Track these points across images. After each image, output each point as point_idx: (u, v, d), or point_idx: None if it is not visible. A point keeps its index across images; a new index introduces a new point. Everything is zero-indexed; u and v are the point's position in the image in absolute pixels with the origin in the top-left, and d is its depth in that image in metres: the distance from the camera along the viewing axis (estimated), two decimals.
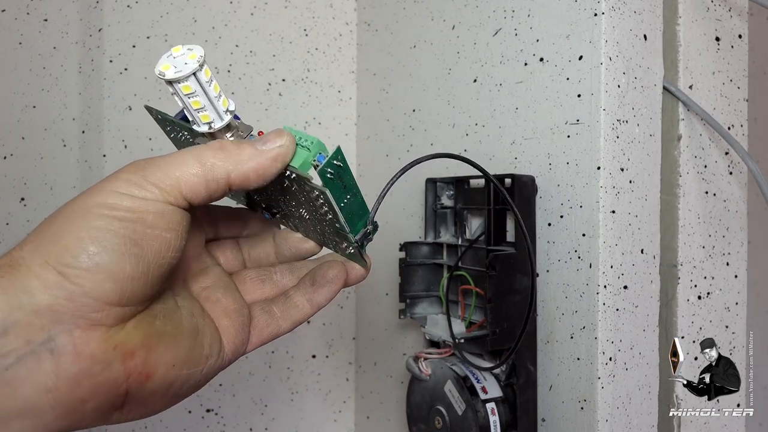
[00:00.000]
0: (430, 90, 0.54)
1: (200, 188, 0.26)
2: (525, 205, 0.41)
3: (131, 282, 0.24)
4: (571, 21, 0.40)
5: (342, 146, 0.33)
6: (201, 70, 0.27)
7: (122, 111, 0.57)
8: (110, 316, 0.24)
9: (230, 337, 0.30)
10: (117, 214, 0.24)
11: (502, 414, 0.41)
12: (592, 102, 0.39)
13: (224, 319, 0.30)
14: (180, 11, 0.59)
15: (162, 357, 0.26)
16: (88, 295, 0.24)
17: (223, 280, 0.32)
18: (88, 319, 0.24)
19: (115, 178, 0.26)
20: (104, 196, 0.25)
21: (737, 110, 0.45)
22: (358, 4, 0.66)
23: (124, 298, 0.24)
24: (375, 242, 0.35)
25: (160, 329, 0.27)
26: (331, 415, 0.66)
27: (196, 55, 0.27)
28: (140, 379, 0.25)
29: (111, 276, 0.24)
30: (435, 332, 0.45)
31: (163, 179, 0.26)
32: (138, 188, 0.25)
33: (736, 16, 0.45)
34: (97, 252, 0.24)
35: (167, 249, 0.26)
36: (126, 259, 0.24)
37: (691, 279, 0.42)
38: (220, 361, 0.30)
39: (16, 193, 0.56)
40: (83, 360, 0.24)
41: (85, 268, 0.24)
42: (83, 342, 0.24)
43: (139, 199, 0.25)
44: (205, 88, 0.27)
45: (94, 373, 0.24)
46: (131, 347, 0.25)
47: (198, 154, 0.26)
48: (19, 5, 0.56)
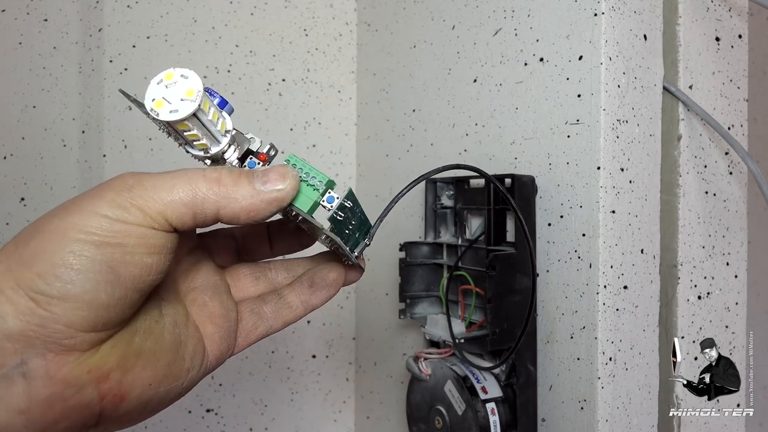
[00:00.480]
0: (430, 90, 0.54)
1: (187, 218, 0.25)
2: (525, 205, 0.41)
3: (106, 310, 0.23)
4: (571, 21, 0.40)
5: (342, 146, 0.33)
6: (200, 107, 0.24)
7: (122, 111, 0.57)
8: (84, 342, 0.24)
9: (214, 344, 0.29)
10: (94, 239, 0.23)
11: (502, 414, 0.41)
12: (592, 102, 0.39)
13: (210, 326, 0.29)
14: (180, 11, 0.59)
15: (138, 377, 0.25)
16: (60, 322, 0.23)
17: (212, 280, 0.31)
18: (60, 345, 0.23)
19: (99, 197, 0.24)
20: (84, 218, 0.23)
21: (737, 110, 0.45)
22: (358, 4, 0.66)
23: (98, 325, 0.24)
24: (375, 242, 0.35)
25: (139, 347, 0.26)
26: (331, 415, 0.66)
27: (193, 91, 0.24)
28: (114, 400, 0.25)
29: (85, 304, 0.23)
30: (435, 332, 0.45)
31: (150, 204, 0.24)
32: (121, 210, 0.24)
33: (736, 16, 0.45)
34: (70, 279, 0.23)
35: (147, 273, 0.24)
36: (101, 288, 0.23)
37: (691, 279, 0.42)
38: (203, 370, 0.29)
39: (16, 193, 0.56)
40: (55, 384, 0.23)
41: (58, 296, 0.23)
42: (56, 366, 0.23)
43: (119, 223, 0.23)
44: (204, 121, 0.25)
45: (66, 397, 0.23)
46: (106, 370, 0.24)
47: (191, 181, 0.25)
48: (19, 5, 0.56)
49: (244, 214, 0.25)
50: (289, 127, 0.63)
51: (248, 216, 0.26)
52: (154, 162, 0.57)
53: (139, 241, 0.24)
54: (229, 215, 0.25)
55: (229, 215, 0.25)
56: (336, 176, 0.65)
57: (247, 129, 0.31)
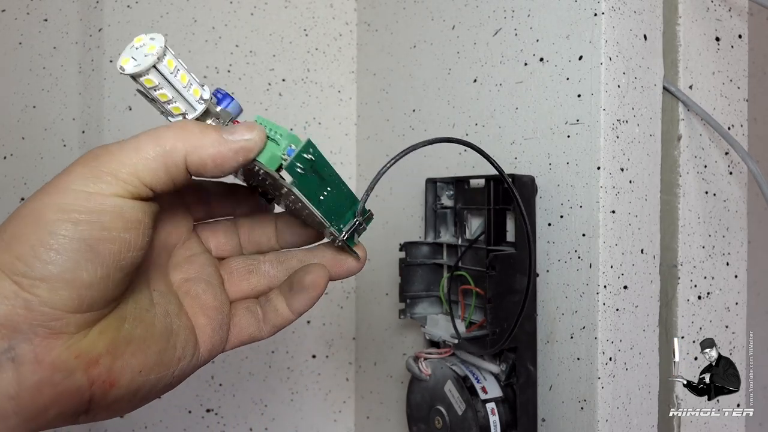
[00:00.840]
0: (430, 90, 0.54)
1: (161, 173, 0.24)
2: (525, 205, 0.41)
3: (89, 289, 0.23)
4: (571, 21, 0.40)
5: (342, 146, 0.33)
6: (162, 62, 0.25)
7: (122, 111, 0.57)
8: (70, 324, 0.24)
9: (206, 336, 0.29)
10: (71, 217, 0.23)
11: (502, 414, 0.41)
12: (592, 102, 0.39)
13: (202, 317, 0.29)
14: (180, 11, 0.59)
15: (128, 363, 0.25)
16: (45, 305, 0.23)
17: (206, 272, 0.31)
18: (47, 328, 0.23)
19: (69, 172, 0.24)
20: (59, 196, 0.23)
21: (737, 110, 0.45)
22: (358, 4, 0.66)
23: (83, 305, 0.24)
24: (375, 242, 0.35)
25: (129, 333, 0.26)
26: (331, 415, 0.66)
27: (155, 46, 0.25)
28: (104, 387, 0.25)
29: (67, 284, 0.23)
30: (435, 332, 0.45)
31: (120, 168, 0.24)
32: (93, 181, 0.23)
33: (736, 16, 0.45)
34: (50, 260, 0.23)
35: (127, 250, 0.24)
36: (82, 266, 0.23)
37: (691, 279, 0.42)
38: (194, 361, 0.28)
39: (16, 193, 0.56)
40: (44, 369, 0.23)
41: (39, 278, 0.23)
42: (44, 351, 0.23)
43: (95, 196, 0.23)
44: (170, 79, 0.26)
45: (55, 382, 0.23)
46: (95, 355, 0.24)
47: (156, 135, 0.25)
48: (19, 5, 0.56)
49: (211, 161, 0.25)
50: (289, 127, 0.63)
51: (215, 164, 0.25)
52: None
53: (115, 216, 0.24)
54: (196, 163, 0.25)
55: (196, 163, 0.25)
56: None
57: None
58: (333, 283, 0.64)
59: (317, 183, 0.28)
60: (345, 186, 0.30)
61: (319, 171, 0.28)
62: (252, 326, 0.31)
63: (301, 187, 0.28)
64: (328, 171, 0.29)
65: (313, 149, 0.28)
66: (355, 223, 0.30)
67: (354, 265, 0.32)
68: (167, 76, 0.26)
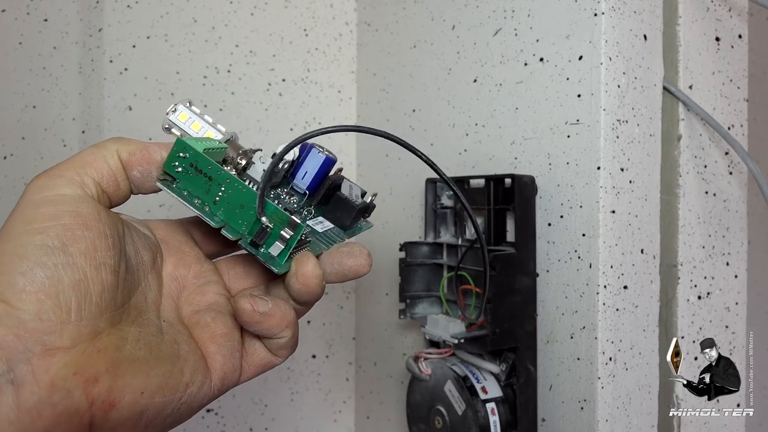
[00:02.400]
0: (430, 90, 0.54)
1: (101, 165, 0.27)
2: (525, 205, 0.41)
3: (73, 292, 0.24)
4: (571, 21, 0.40)
5: (342, 146, 0.33)
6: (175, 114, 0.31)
7: (122, 111, 0.57)
8: (64, 336, 0.23)
9: (218, 364, 0.28)
10: (36, 227, 0.24)
11: (502, 414, 0.41)
12: (592, 102, 0.39)
13: (211, 345, 0.29)
14: (180, 11, 0.59)
15: (129, 383, 0.25)
16: (36, 318, 0.23)
17: (217, 303, 0.30)
18: (43, 344, 0.23)
19: (27, 190, 0.26)
20: (22, 212, 0.25)
21: (737, 110, 0.45)
22: (358, 4, 0.66)
23: (71, 312, 0.24)
24: (375, 242, 0.34)
25: (130, 354, 0.25)
26: (331, 415, 0.66)
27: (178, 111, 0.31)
28: (104, 407, 0.24)
29: (51, 291, 0.23)
30: (435, 332, 0.45)
31: (66, 166, 0.27)
32: (47, 186, 0.26)
33: (736, 16, 0.45)
34: (29, 268, 0.23)
35: (95, 248, 0.25)
36: (58, 270, 0.24)
37: (691, 279, 0.42)
38: (205, 389, 0.28)
39: (16, 193, 0.56)
40: (42, 388, 0.23)
41: (22, 289, 0.23)
42: (42, 369, 0.23)
43: (50, 201, 0.25)
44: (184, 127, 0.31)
45: (54, 402, 0.23)
46: (94, 373, 0.24)
47: (96, 144, 0.28)
48: (19, 5, 0.56)
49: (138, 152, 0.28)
50: (289, 127, 0.63)
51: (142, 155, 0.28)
52: None
53: (73, 215, 0.25)
54: (126, 156, 0.28)
55: (126, 156, 0.28)
56: None
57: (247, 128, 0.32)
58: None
59: (205, 182, 0.28)
60: (243, 186, 0.28)
61: (202, 169, 0.28)
62: (264, 349, 0.30)
63: (186, 187, 0.28)
64: (214, 168, 0.28)
65: (186, 147, 0.28)
66: (264, 228, 0.27)
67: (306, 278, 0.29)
68: (182, 126, 0.31)
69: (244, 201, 0.28)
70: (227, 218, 0.28)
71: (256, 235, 0.27)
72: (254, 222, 0.28)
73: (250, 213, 0.28)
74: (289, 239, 0.27)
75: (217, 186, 0.28)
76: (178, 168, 0.28)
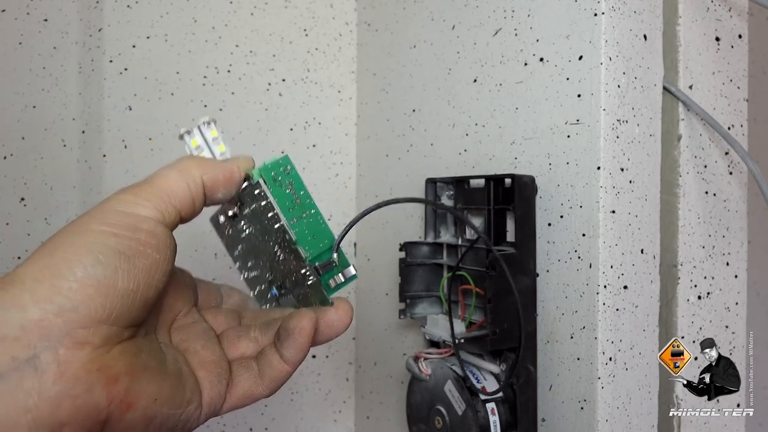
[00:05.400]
0: (430, 90, 0.54)
1: (185, 193, 0.28)
2: (525, 205, 0.41)
3: (121, 299, 0.25)
4: (571, 21, 0.40)
5: (342, 146, 0.34)
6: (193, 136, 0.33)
7: (122, 111, 0.57)
8: (97, 334, 0.24)
9: (207, 389, 0.29)
10: (113, 230, 0.26)
11: (502, 414, 0.41)
12: (592, 102, 0.39)
13: (201, 371, 0.30)
14: (180, 11, 0.59)
15: (145, 389, 0.26)
16: (77, 310, 0.24)
17: (205, 335, 0.32)
18: (74, 337, 0.24)
19: (110, 199, 0.27)
20: (102, 214, 0.26)
21: (737, 110, 0.45)
22: (358, 4, 0.66)
23: (112, 316, 0.25)
24: (375, 242, 0.34)
25: (145, 362, 0.27)
26: (331, 415, 0.66)
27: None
28: (121, 407, 0.25)
29: (102, 290, 0.24)
30: (435, 332, 0.45)
31: (153, 192, 0.28)
32: (132, 206, 0.27)
33: (736, 16, 0.45)
34: (91, 263, 0.24)
35: (156, 270, 0.26)
36: (118, 274, 0.25)
37: (691, 279, 0.42)
38: (197, 413, 0.29)
39: (16, 193, 0.56)
40: (66, 380, 0.23)
41: (79, 280, 0.24)
42: (67, 360, 0.23)
43: (134, 216, 0.26)
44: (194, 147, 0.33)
45: (75, 395, 0.23)
46: (115, 372, 0.25)
47: (175, 165, 0.29)
48: (19, 5, 0.56)
49: (222, 176, 0.30)
50: (289, 127, 0.63)
51: (225, 178, 0.30)
52: (154, 162, 0.57)
53: (150, 235, 0.27)
54: (211, 180, 0.30)
55: (211, 180, 0.30)
56: (336, 176, 0.65)
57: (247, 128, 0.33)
58: None
59: (292, 200, 0.30)
60: (321, 217, 0.31)
61: (294, 187, 0.30)
62: (249, 381, 0.31)
63: (275, 195, 0.30)
64: (305, 195, 0.30)
65: (291, 166, 0.30)
66: (329, 261, 0.31)
67: (334, 319, 0.32)
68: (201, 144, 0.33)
69: (317, 233, 0.31)
70: (298, 239, 0.31)
71: (321, 264, 0.31)
72: (321, 253, 0.31)
73: (318, 244, 0.31)
74: (344, 281, 0.32)
75: (300, 210, 0.31)
76: (275, 178, 0.30)
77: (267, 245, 0.32)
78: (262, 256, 0.33)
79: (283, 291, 0.33)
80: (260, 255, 0.33)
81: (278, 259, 0.32)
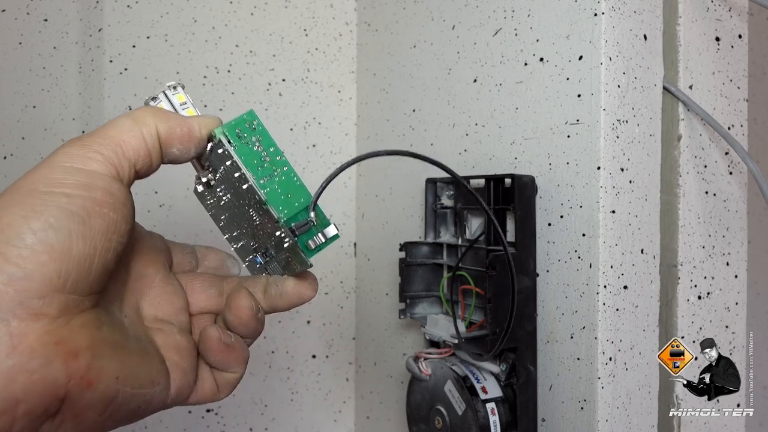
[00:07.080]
0: (430, 90, 0.54)
1: (139, 144, 0.26)
2: (525, 205, 0.41)
3: (77, 264, 0.23)
4: (571, 21, 0.40)
5: (342, 146, 0.33)
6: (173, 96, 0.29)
7: (122, 111, 0.57)
8: (52, 304, 0.22)
9: (178, 374, 0.28)
10: (65, 190, 0.23)
11: (502, 414, 0.41)
12: (592, 102, 0.39)
13: (175, 355, 0.28)
14: (180, 11, 0.59)
15: (107, 365, 0.24)
16: (30, 279, 0.22)
17: (180, 319, 0.30)
18: (27, 307, 0.22)
19: (56, 153, 0.25)
20: (49, 172, 0.24)
21: (737, 110, 0.45)
22: (358, 4, 0.66)
23: (68, 283, 0.23)
24: (375, 242, 0.34)
25: (108, 337, 0.25)
26: (331, 415, 0.66)
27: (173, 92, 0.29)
28: (82, 384, 0.23)
29: (56, 256, 0.22)
30: (435, 332, 0.45)
31: (104, 144, 0.25)
32: (82, 159, 0.24)
33: (736, 16, 0.45)
34: (42, 228, 0.22)
35: (113, 231, 0.24)
36: (73, 238, 0.23)
37: (691, 279, 0.42)
38: (162, 396, 0.27)
39: None
40: (20, 353, 0.21)
41: (29, 246, 0.22)
42: (21, 333, 0.22)
43: (85, 172, 0.24)
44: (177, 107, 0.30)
45: (31, 369, 0.22)
46: (75, 346, 0.23)
47: (129, 113, 0.27)
48: (19, 5, 0.56)
49: (179, 129, 0.27)
50: (289, 127, 0.63)
51: (182, 133, 0.27)
52: None
53: (105, 193, 0.24)
54: (166, 131, 0.27)
55: (166, 131, 0.27)
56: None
57: None
58: (333, 283, 0.64)
59: (260, 157, 0.28)
60: (294, 175, 0.29)
61: (263, 145, 0.28)
62: (211, 382, 0.30)
63: (241, 153, 0.28)
64: (275, 152, 0.28)
65: (257, 120, 0.28)
66: (307, 221, 0.29)
67: (292, 293, 0.31)
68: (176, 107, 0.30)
69: (292, 191, 0.29)
70: (269, 199, 0.28)
71: (297, 224, 0.29)
72: (297, 213, 0.29)
73: (293, 204, 0.29)
74: (325, 242, 0.29)
75: (270, 167, 0.28)
76: (240, 135, 0.28)
77: (244, 210, 0.30)
78: (243, 223, 0.30)
79: (267, 258, 0.31)
80: (241, 222, 0.30)
81: (255, 224, 0.30)
